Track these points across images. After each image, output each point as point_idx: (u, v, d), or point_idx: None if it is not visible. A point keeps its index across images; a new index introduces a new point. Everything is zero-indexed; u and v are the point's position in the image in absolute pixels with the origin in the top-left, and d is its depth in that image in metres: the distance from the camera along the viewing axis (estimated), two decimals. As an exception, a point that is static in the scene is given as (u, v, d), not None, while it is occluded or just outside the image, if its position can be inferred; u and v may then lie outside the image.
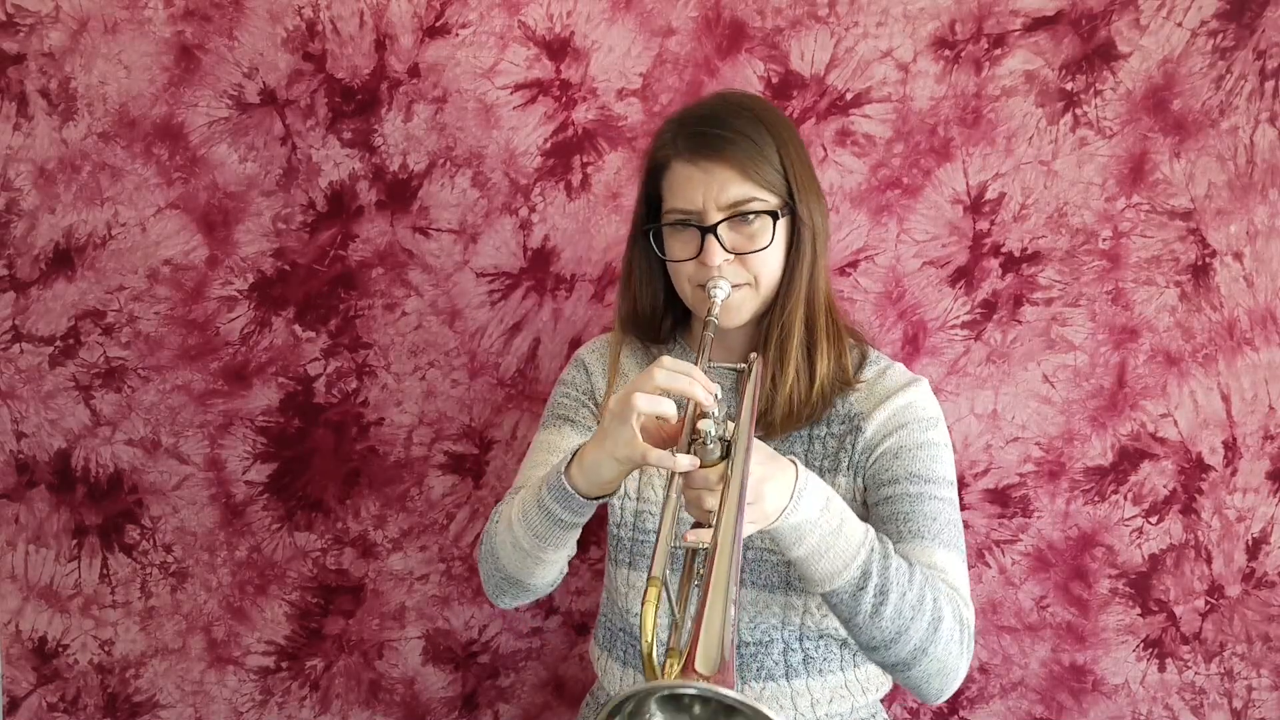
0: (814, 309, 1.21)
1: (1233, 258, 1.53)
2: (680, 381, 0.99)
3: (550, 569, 1.19)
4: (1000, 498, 1.60)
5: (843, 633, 1.24)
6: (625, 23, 1.53)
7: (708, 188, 1.15)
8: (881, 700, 1.34)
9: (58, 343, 1.58)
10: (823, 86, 1.53)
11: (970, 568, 1.61)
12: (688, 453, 0.98)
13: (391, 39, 1.53)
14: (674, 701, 0.76)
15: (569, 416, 1.32)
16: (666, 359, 1.02)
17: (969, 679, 1.64)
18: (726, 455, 0.98)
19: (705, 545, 0.94)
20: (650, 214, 1.25)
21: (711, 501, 0.99)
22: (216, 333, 1.59)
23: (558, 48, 1.54)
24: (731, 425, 1.01)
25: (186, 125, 1.54)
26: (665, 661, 0.85)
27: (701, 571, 0.95)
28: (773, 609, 1.23)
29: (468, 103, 1.54)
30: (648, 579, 0.88)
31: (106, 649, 1.66)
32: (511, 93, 1.55)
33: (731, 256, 1.17)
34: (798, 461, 1.05)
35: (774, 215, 1.16)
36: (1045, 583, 1.61)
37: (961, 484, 1.59)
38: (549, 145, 1.56)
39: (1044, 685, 1.64)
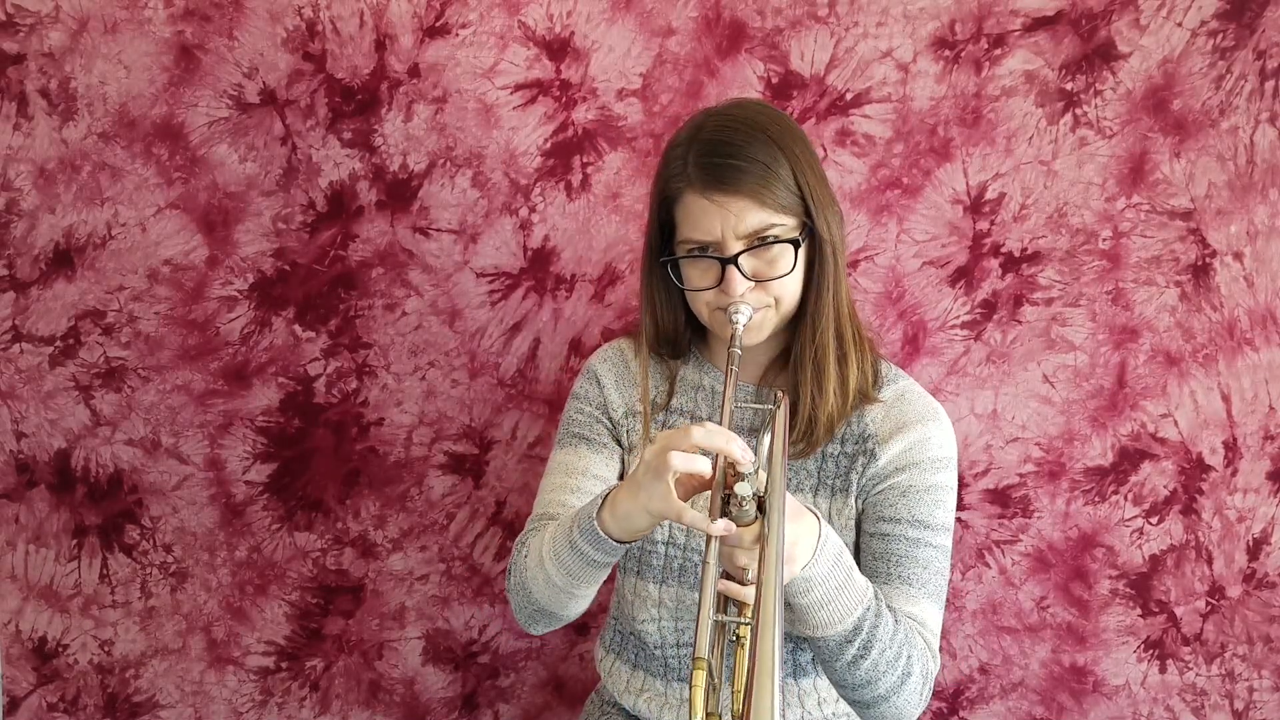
0: (842, 321, 1.21)
1: (1233, 258, 1.52)
2: (718, 441, 0.97)
3: (584, 601, 1.18)
4: (1000, 498, 1.59)
5: None
6: (625, 23, 1.53)
7: (725, 219, 1.13)
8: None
9: (58, 343, 1.59)
10: (823, 86, 1.53)
11: (970, 568, 1.61)
12: (722, 510, 0.97)
13: (391, 39, 1.53)
14: None
15: (584, 435, 1.30)
16: (709, 424, 0.99)
17: (969, 679, 1.64)
18: (760, 511, 0.97)
19: (736, 602, 1.00)
20: (664, 240, 1.22)
21: (744, 559, 0.99)
22: (216, 333, 1.59)
23: (558, 48, 1.54)
24: (763, 477, 1.00)
25: (186, 125, 1.54)
26: None
27: (737, 633, 0.99)
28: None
29: (468, 103, 1.55)
30: (693, 659, 0.87)
31: (106, 649, 1.66)
32: (511, 93, 1.55)
33: (753, 284, 1.15)
34: (818, 513, 1.04)
35: (795, 243, 1.15)
36: (1045, 583, 1.61)
37: (961, 484, 1.59)
38: (549, 145, 1.56)
39: (1044, 686, 1.63)
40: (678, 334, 1.29)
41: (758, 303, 1.17)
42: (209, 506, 1.63)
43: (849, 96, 1.53)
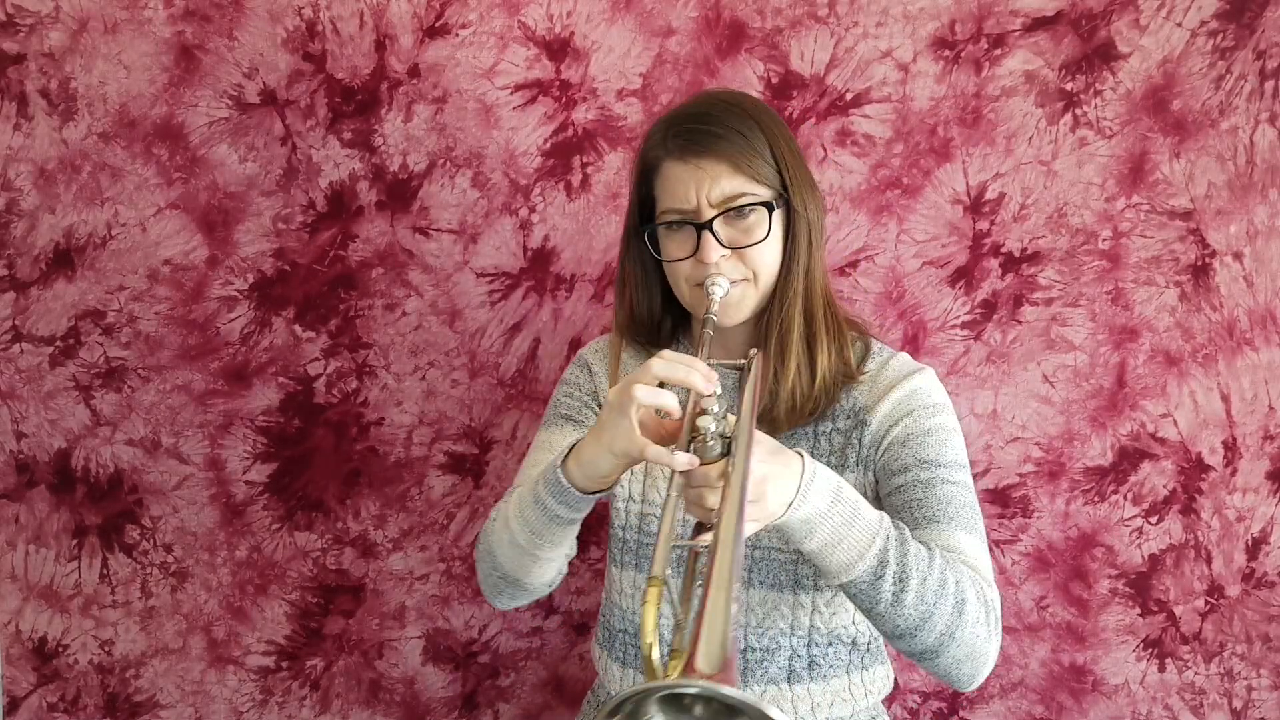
0: (812, 301, 1.20)
1: (1233, 258, 1.53)
2: (679, 371, 0.97)
3: (548, 568, 1.18)
4: (1000, 498, 1.60)
5: (851, 632, 1.24)
6: (625, 23, 1.53)
7: (700, 184, 1.14)
8: (883, 701, 1.34)
9: (58, 343, 1.58)
10: (823, 86, 1.53)
11: (970, 568, 1.61)
12: (687, 450, 0.96)
13: (391, 39, 1.53)
14: (675, 702, 0.73)
15: (571, 416, 1.31)
16: (665, 351, 1.01)
17: (969, 679, 1.64)
18: (727, 452, 0.96)
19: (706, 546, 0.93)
20: (644, 216, 1.24)
21: (712, 499, 0.97)
22: (216, 333, 1.59)
23: (558, 48, 1.54)
24: (733, 420, 1.00)
25: (186, 125, 1.54)
26: (667, 661, 0.84)
27: (704, 571, 0.94)
28: (781, 610, 1.22)
29: (468, 103, 1.54)
30: (648, 578, 0.87)
31: (106, 649, 1.66)
32: (511, 93, 1.55)
33: (728, 252, 1.15)
34: (804, 454, 1.02)
35: (769, 206, 1.15)
36: (1045, 583, 1.61)
37: (961, 484, 1.59)
38: (549, 145, 1.56)
39: (1044, 685, 1.64)
40: (653, 318, 1.29)
41: (734, 274, 1.16)
42: (209, 506, 1.63)
43: (849, 96, 1.53)
